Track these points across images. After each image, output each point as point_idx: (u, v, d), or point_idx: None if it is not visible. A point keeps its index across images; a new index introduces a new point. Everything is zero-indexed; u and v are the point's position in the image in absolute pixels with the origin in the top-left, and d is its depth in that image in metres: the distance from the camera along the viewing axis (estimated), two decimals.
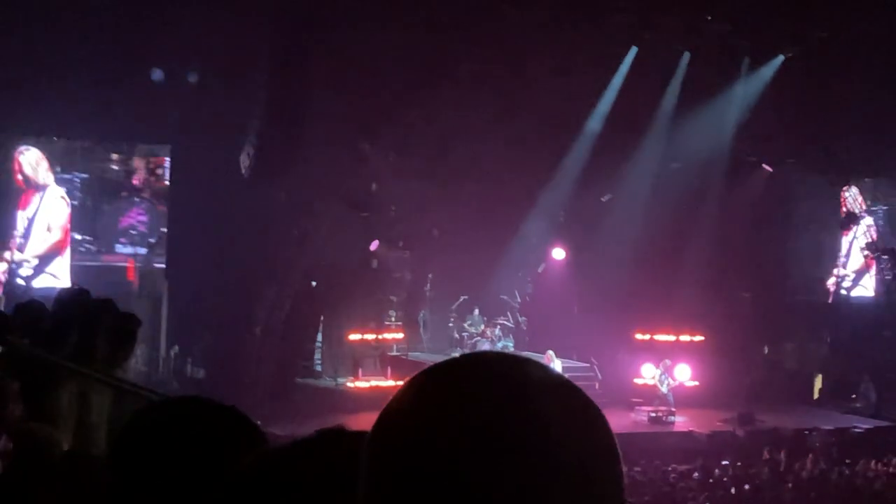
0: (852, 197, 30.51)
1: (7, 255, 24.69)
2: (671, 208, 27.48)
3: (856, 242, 30.81)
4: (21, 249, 24.82)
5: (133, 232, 25.77)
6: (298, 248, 26.22)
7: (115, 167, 25.84)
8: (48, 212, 25.09)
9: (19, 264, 24.81)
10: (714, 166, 28.14)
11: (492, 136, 25.75)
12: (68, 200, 25.36)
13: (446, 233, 27.99)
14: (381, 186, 26.94)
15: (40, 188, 24.98)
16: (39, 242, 25.01)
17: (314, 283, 26.83)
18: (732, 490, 18.50)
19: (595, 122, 27.65)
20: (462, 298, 28.41)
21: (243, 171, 23.47)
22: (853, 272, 30.90)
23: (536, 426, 1.25)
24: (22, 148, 24.84)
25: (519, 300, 29.35)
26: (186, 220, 25.25)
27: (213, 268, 24.22)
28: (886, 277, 29.94)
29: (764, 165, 29.47)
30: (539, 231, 28.61)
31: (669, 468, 19.94)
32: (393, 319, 28.49)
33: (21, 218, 24.91)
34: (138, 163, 26.08)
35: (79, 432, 2.82)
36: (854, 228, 30.74)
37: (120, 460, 2.26)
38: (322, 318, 28.06)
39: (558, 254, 29.54)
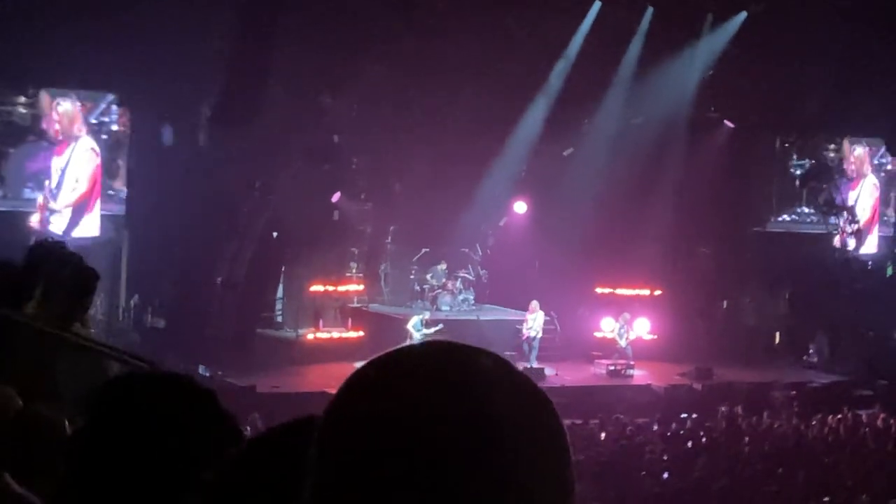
0: (859, 156, 30.70)
1: (41, 203, 24.91)
2: (633, 163, 27.54)
3: (860, 201, 30.95)
4: (53, 199, 25.05)
5: (42, 177, 25.63)
6: (260, 200, 26.11)
7: (22, 110, 25.61)
8: (78, 163, 25.28)
9: (52, 212, 25.01)
10: (676, 122, 28.23)
11: (454, 89, 25.66)
12: (98, 152, 25.44)
13: (408, 186, 27.94)
14: (342, 139, 26.81)
15: (72, 139, 25.11)
16: (69, 193, 25.24)
17: (275, 235, 26.73)
18: (689, 444, 18.67)
19: (557, 77, 27.63)
20: (423, 251, 28.39)
21: (204, 119, 23.29)
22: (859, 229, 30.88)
23: (484, 419, 1.27)
24: (59, 99, 24.89)
25: (480, 253, 29.35)
26: (147, 168, 25.07)
27: (175, 217, 24.09)
28: (845, 235, 30.23)
29: (726, 122, 29.57)
30: (501, 185, 28.56)
31: (627, 421, 20.10)
32: (354, 271, 28.45)
33: (55, 168, 25.14)
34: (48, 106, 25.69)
35: (27, 385, 2.80)
36: (861, 184, 30.91)
37: (93, 430, 2.22)
38: (283, 269, 27.97)
39: (520, 207, 29.54)
